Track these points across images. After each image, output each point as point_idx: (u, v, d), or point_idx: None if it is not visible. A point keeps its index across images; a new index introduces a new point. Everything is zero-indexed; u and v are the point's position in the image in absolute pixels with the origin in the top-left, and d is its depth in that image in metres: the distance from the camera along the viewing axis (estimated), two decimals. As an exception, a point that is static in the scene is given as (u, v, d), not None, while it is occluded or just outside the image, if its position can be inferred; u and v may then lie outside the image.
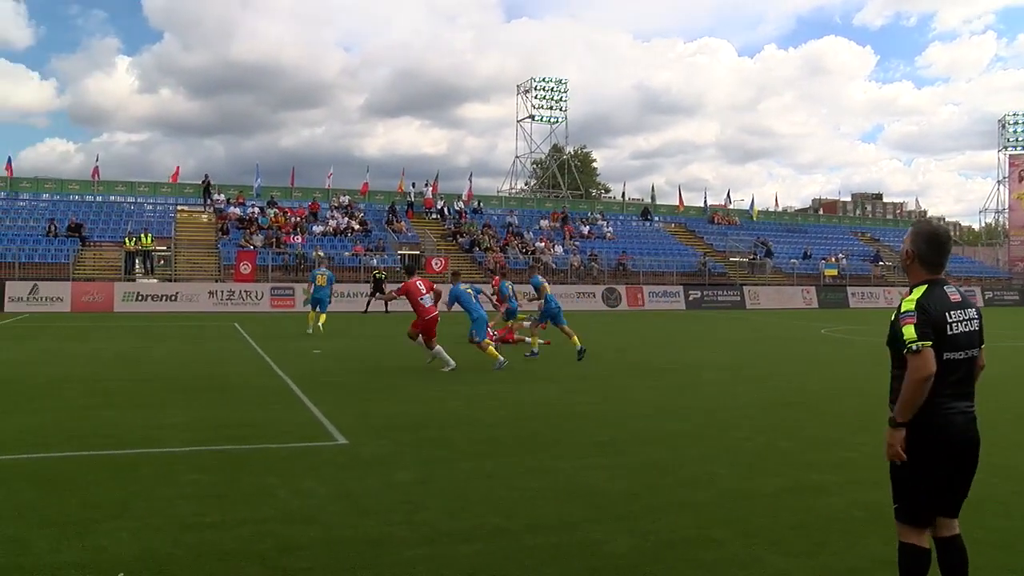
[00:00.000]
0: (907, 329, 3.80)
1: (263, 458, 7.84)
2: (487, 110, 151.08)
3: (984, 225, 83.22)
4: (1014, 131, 65.65)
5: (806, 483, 7.07)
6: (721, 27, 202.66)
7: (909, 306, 3.86)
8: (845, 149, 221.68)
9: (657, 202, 63.00)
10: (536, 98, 66.01)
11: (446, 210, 50.90)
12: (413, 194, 51.72)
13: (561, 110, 66.76)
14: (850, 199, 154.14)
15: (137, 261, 38.16)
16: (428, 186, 52.75)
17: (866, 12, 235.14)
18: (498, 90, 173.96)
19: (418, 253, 43.62)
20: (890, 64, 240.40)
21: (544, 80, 66.22)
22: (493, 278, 24.86)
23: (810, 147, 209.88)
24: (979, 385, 4.06)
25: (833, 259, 52.71)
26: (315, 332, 22.64)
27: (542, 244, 47.26)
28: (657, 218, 58.23)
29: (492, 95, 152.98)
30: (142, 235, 38.45)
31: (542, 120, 67.15)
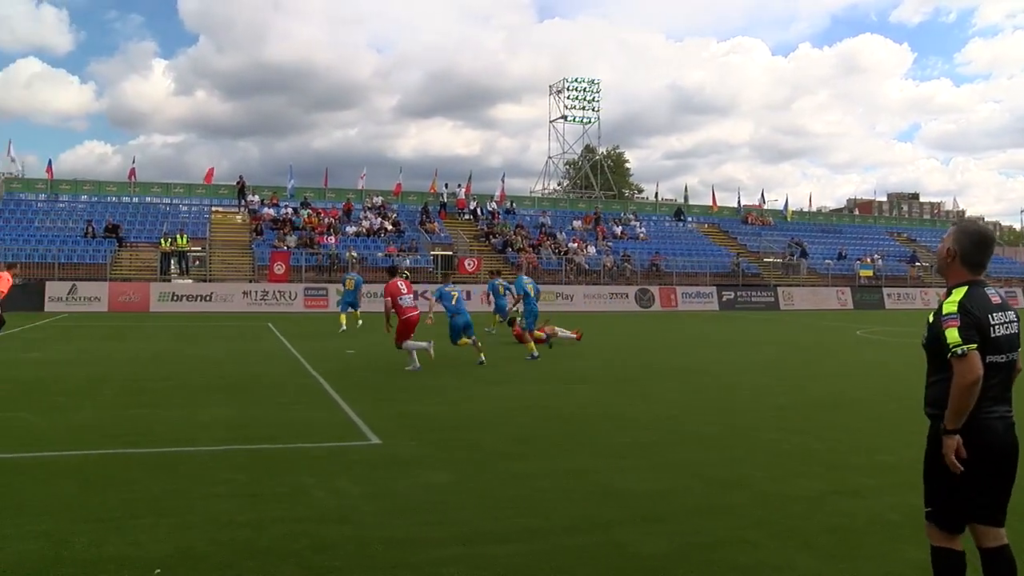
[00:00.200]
0: (951, 332, 3.67)
1: (297, 458, 7.89)
2: (520, 111, 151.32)
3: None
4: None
5: (841, 486, 6.99)
6: (754, 26, 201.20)
7: (951, 308, 3.73)
8: (881, 148, 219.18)
9: (690, 202, 62.70)
10: (569, 98, 66.13)
11: (479, 211, 50.95)
12: (446, 195, 51.83)
13: (594, 110, 66.88)
14: (886, 199, 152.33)
15: (172, 262, 38.56)
16: (461, 187, 52.89)
17: (903, 9, 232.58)
18: (531, 91, 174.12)
19: (451, 254, 43.73)
20: (928, 61, 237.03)
21: (576, 80, 66.32)
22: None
23: (845, 146, 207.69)
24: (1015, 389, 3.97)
25: (868, 260, 52.15)
26: (348, 330, 22.92)
27: (575, 245, 47.18)
28: (690, 218, 57.91)
29: (525, 96, 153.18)
30: (177, 236, 38.85)
31: (575, 120, 67.28)
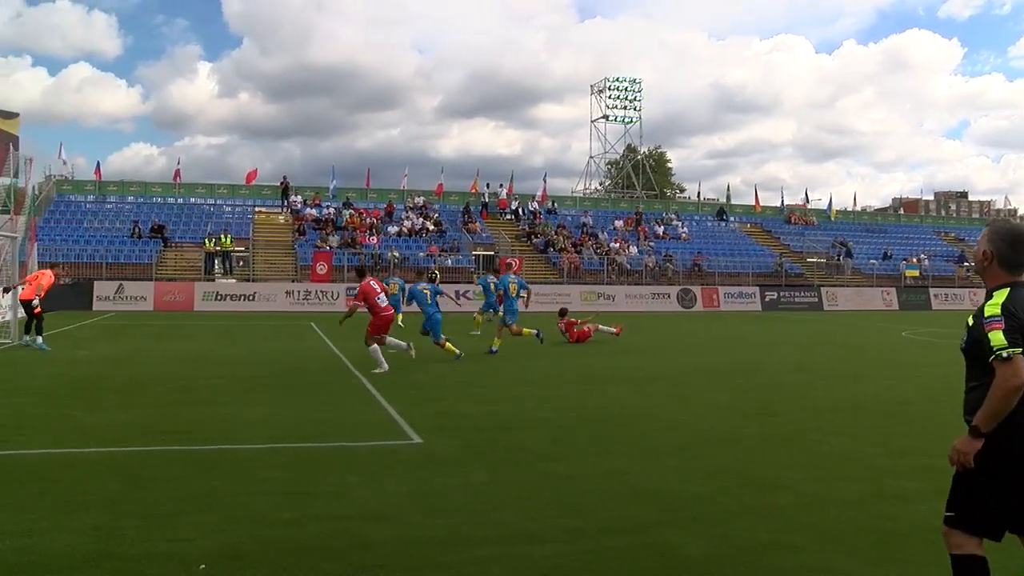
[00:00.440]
0: (995, 335, 3.58)
1: (339, 456, 7.96)
2: (561, 111, 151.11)
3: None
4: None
5: (885, 489, 6.90)
6: (798, 24, 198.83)
7: (994, 310, 3.64)
8: (928, 146, 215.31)
9: (733, 202, 62.28)
10: (610, 98, 65.96)
11: (520, 211, 50.98)
12: (488, 195, 51.95)
13: (635, 110, 66.67)
14: (932, 198, 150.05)
15: (216, 261, 39.07)
16: (503, 187, 52.99)
17: (952, 3, 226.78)
18: (572, 90, 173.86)
19: (492, 254, 43.83)
20: (979, 56, 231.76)
21: (618, 80, 66.12)
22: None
23: (891, 145, 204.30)
24: None
25: (914, 259, 51.41)
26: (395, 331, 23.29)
27: (617, 245, 47.05)
28: (733, 218, 57.48)
29: (566, 95, 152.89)
30: (222, 236, 39.35)
31: (616, 120, 67.11)
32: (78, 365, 15.29)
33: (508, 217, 50.66)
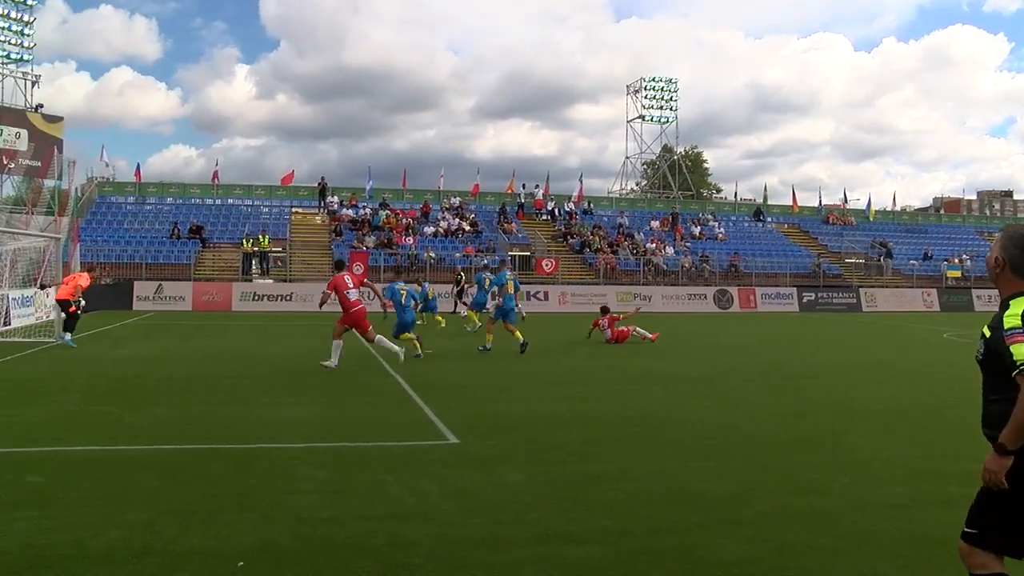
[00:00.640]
0: (1017, 348, 3.40)
1: (377, 456, 8.00)
2: (597, 111, 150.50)
3: None
4: None
5: (927, 495, 6.79)
6: (836, 22, 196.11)
7: (1014, 322, 3.46)
8: (971, 144, 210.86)
9: (770, 202, 61.71)
10: (646, 98, 65.66)
11: (556, 211, 50.96)
12: (523, 195, 51.98)
13: (671, 110, 66.30)
14: (975, 197, 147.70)
15: (254, 262, 39.43)
16: (539, 187, 53.08)
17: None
18: (608, 91, 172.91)
19: (528, 254, 43.85)
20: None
21: (654, 80, 65.80)
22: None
23: (932, 143, 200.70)
24: None
25: (956, 260, 50.63)
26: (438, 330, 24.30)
27: (653, 245, 46.88)
28: (770, 219, 57.03)
29: (602, 96, 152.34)
30: (260, 236, 39.70)
31: (652, 120, 66.75)
32: (118, 364, 15.51)
33: (544, 218, 50.67)
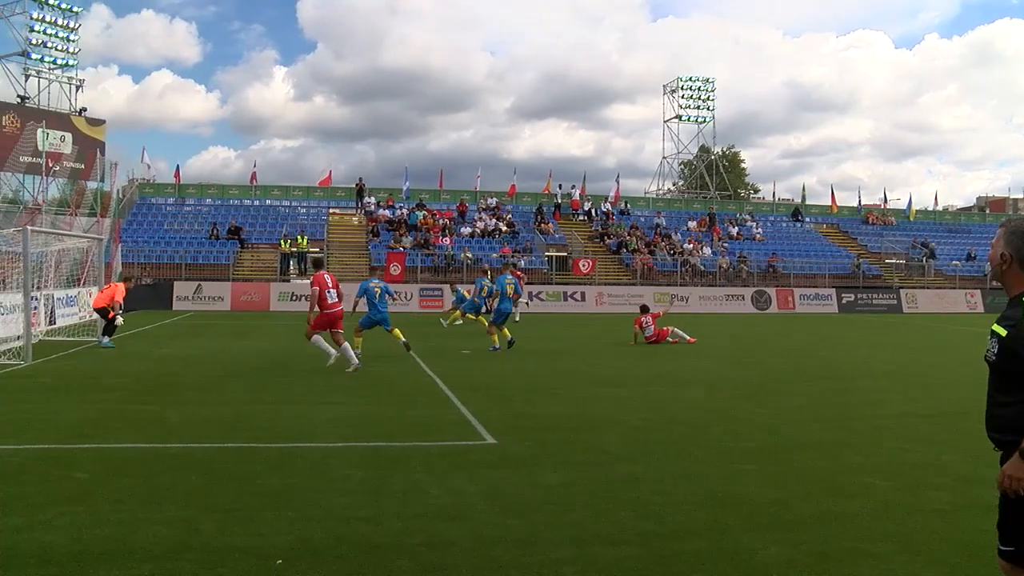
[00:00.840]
0: None
1: (414, 456, 8.01)
2: (633, 111, 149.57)
3: None
4: None
5: (975, 500, 6.62)
6: (877, 18, 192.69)
7: None
8: (1018, 142, 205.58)
9: (808, 202, 61.01)
10: (683, 98, 65.29)
11: (593, 211, 50.79)
12: (560, 195, 51.87)
13: (708, 109, 65.84)
14: (1022, 196, 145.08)
15: (292, 262, 39.68)
16: (575, 187, 52.89)
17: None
18: (644, 91, 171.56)
19: (565, 255, 43.77)
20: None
21: (691, 79, 65.40)
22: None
23: (976, 142, 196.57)
24: None
25: (1001, 260, 49.71)
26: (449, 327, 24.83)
27: (690, 246, 46.60)
28: (808, 219, 56.41)
29: (638, 96, 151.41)
30: (298, 237, 39.99)
31: (689, 120, 66.34)
32: (159, 363, 15.69)
33: (581, 218, 50.53)
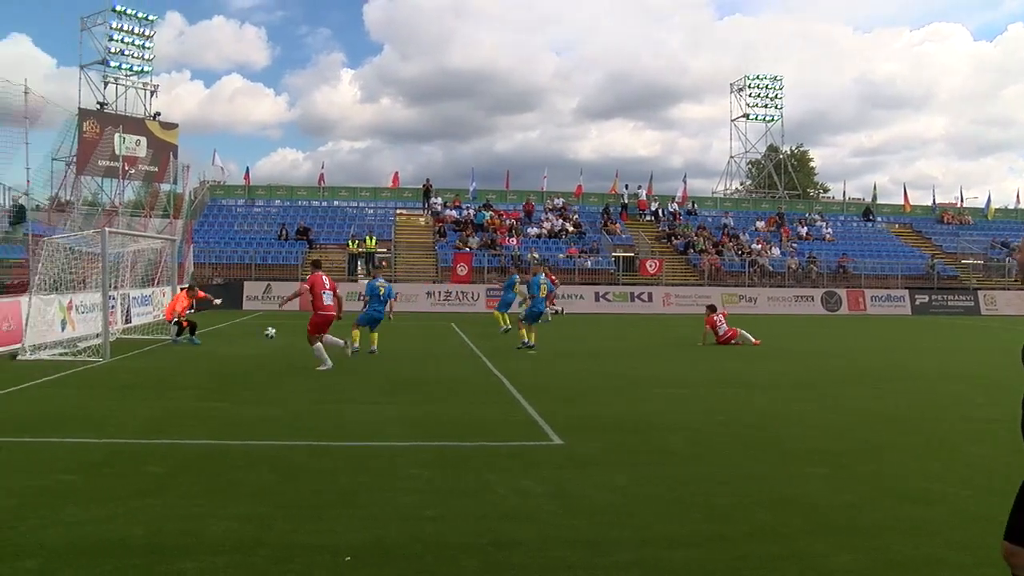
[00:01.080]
0: None
1: (481, 456, 8.06)
2: (700, 110, 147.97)
3: None
4: None
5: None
6: (954, 10, 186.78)
7: None
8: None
9: (880, 201, 59.74)
10: (750, 96, 64.50)
11: (660, 212, 50.50)
12: (627, 196, 51.67)
13: (776, 108, 64.91)
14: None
15: (359, 262, 40.14)
16: (642, 188, 52.65)
17: None
18: (711, 90, 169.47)
19: (632, 255, 43.59)
20: None
21: (758, 78, 64.57)
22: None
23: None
24: None
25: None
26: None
27: (758, 246, 46.04)
28: (880, 218, 55.29)
29: (705, 95, 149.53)
30: (367, 237, 40.44)
31: (757, 119, 65.49)
32: (230, 362, 16.04)
33: (648, 218, 50.27)
